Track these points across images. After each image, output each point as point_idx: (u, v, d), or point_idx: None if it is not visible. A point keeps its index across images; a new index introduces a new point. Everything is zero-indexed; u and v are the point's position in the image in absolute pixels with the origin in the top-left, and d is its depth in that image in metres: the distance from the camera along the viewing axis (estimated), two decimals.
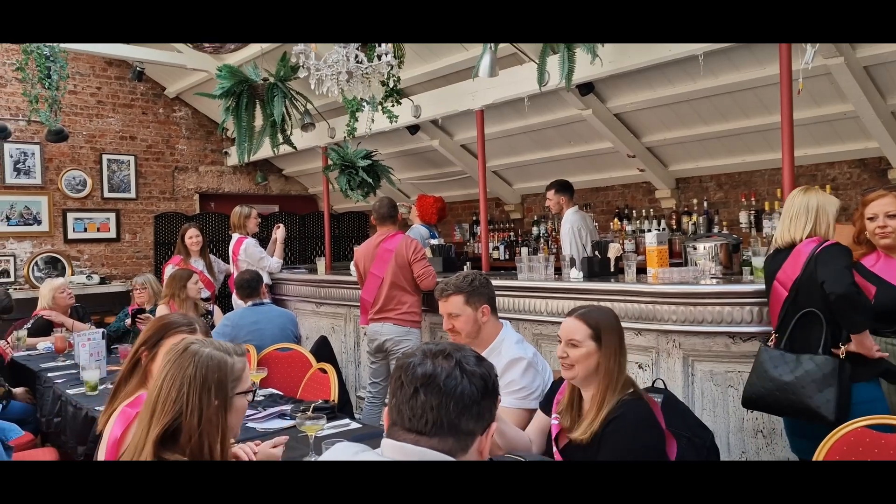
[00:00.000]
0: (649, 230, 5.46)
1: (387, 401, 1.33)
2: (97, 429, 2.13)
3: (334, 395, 3.10)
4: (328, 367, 3.31)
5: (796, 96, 3.30)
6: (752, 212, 5.03)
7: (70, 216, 7.11)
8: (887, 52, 3.80)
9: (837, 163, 4.84)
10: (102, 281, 6.97)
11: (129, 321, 4.70)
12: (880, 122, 4.17)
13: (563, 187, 4.96)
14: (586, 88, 4.76)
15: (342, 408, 2.93)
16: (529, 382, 2.51)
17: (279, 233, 5.86)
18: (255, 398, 3.04)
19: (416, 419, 1.20)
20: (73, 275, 6.97)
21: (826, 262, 2.45)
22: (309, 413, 2.42)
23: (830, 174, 4.88)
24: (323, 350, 4.38)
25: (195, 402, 1.50)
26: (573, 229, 4.78)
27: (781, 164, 3.29)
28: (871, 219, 2.68)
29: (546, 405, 2.34)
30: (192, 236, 5.51)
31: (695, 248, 3.58)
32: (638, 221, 5.75)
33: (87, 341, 3.73)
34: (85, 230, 7.21)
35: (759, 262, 3.26)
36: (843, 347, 2.41)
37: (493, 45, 3.68)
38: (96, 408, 3.01)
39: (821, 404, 2.31)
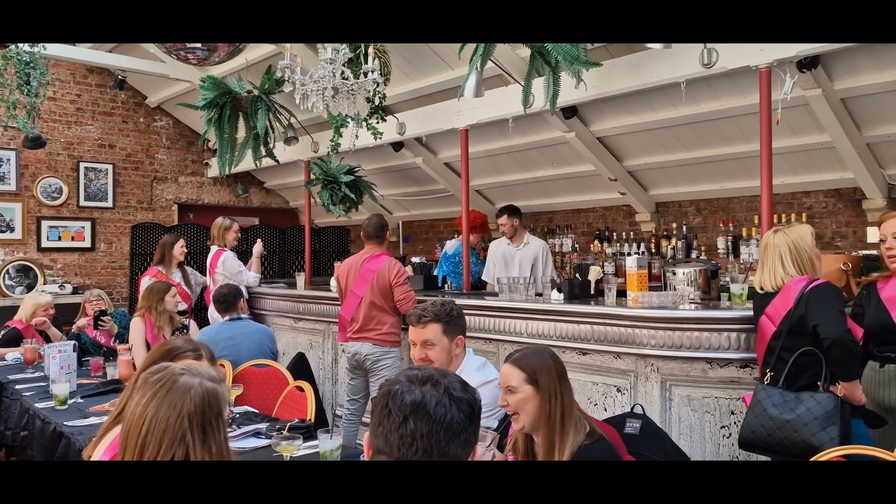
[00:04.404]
0: (629, 253, 5.51)
1: (366, 421, 1.32)
2: (85, 456, 2.02)
3: (311, 414, 3.05)
4: (305, 385, 3.27)
5: (775, 126, 3.36)
6: (730, 237, 5.10)
7: (44, 224, 6.98)
8: (864, 84, 3.89)
9: (814, 192, 4.92)
10: (75, 291, 6.83)
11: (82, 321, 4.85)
12: (855, 153, 4.26)
13: (514, 211, 5.26)
14: (570, 112, 4.81)
15: (318, 426, 2.88)
16: (491, 401, 2.48)
17: (256, 248, 5.81)
18: (230, 416, 2.99)
19: (405, 448, 1.18)
20: (45, 283, 6.82)
21: (819, 305, 2.44)
22: (284, 433, 2.39)
23: (807, 203, 4.97)
24: (300, 367, 4.32)
25: (200, 438, 1.40)
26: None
27: (760, 191, 3.34)
28: (882, 241, 2.67)
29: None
30: (182, 246, 5.45)
31: (674, 274, 3.61)
32: (618, 244, 5.80)
33: (58, 353, 3.65)
34: (59, 239, 7.08)
35: (737, 288, 3.29)
36: (839, 386, 2.40)
37: (479, 65, 3.70)
38: (65, 422, 2.94)
39: (825, 442, 2.25)
